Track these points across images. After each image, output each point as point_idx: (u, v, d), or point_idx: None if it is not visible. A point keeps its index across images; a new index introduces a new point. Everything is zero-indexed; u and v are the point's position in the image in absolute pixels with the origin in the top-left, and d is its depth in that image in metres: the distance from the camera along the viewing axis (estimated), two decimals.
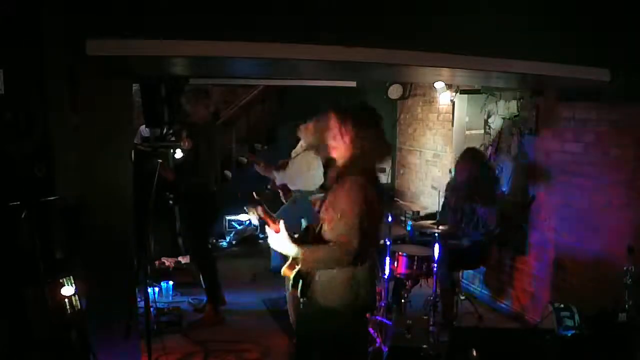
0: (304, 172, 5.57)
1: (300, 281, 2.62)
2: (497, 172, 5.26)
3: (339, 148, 2.61)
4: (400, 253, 4.38)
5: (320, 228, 2.62)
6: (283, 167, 5.43)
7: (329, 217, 2.56)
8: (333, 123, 2.61)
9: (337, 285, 2.56)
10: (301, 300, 2.70)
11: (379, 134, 2.63)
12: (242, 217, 7.41)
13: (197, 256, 4.94)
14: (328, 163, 2.75)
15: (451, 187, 4.94)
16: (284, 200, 5.48)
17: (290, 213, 4.79)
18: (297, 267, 2.63)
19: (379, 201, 2.62)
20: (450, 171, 5.03)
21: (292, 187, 5.48)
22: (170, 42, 2.52)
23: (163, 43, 2.50)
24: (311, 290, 2.63)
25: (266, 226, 2.59)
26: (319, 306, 2.61)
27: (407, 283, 4.43)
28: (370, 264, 2.64)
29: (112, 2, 2.50)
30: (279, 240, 2.54)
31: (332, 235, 2.52)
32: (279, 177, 5.46)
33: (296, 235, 2.67)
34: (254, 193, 2.74)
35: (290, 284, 2.65)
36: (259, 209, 2.60)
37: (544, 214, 4.77)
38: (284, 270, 2.66)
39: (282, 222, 2.55)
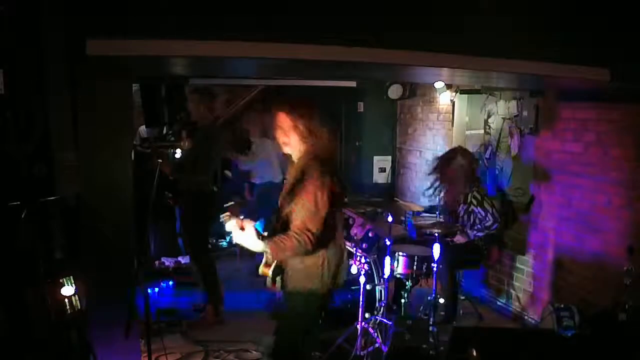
0: (272, 162, 5.60)
1: (279, 276, 2.80)
2: (497, 171, 5.27)
3: (292, 144, 2.78)
4: (400, 253, 4.38)
5: (284, 221, 2.76)
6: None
7: (290, 206, 2.71)
8: (282, 120, 2.77)
9: (311, 271, 2.76)
10: (281, 291, 2.87)
11: (324, 123, 2.81)
12: None
13: (197, 256, 4.94)
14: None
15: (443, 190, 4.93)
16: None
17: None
18: (273, 265, 2.79)
19: (340, 188, 2.78)
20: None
21: (259, 180, 5.50)
22: (170, 42, 2.52)
23: (163, 43, 2.50)
24: (287, 280, 2.81)
25: (231, 225, 2.67)
26: (296, 291, 2.80)
27: (407, 283, 4.43)
28: (338, 246, 2.86)
29: (112, 2, 2.50)
30: (245, 236, 2.64)
31: (294, 224, 2.66)
32: (244, 165, 5.47)
33: (265, 233, 2.81)
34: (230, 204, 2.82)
35: (269, 280, 2.82)
36: (232, 216, 2.68)
37: (544, 214, 4.78)
38: (262, 269, 2.82)
39: (247, 220, 2.66)
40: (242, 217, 2.67)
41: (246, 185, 5.75)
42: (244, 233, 2.62)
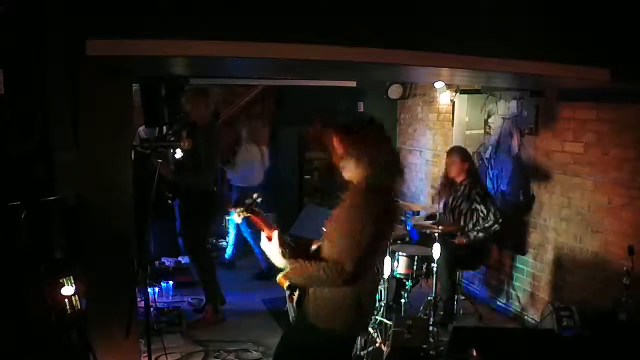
0: (254, 167, 5.78)
1: (297, 290, 2.47)
2: (497, 171, 5.27)
3: (348, 168, 2.42)
4: (400, 253, 4.38)
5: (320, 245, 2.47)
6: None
7: (330, 232, 2.40)
8: (337, 144, 2.43)
9: (338, 307, 2.39)
10: (295, 310, 2.54)
11: (388, 150, 2.46)
12: None
13: (197, 256, 4.94)
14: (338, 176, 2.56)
15: (446, 187, 4.94)
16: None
17: (306, 224, 4.72)
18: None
19: (389, 221, 2.49)
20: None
21: (240, 184, 5.68)
22: (170, 42, 2.52)
23: (163, 43, 2.50)
24: (307, 303, 2.45)
25: (261, 231, 2.51)
26: (310, 323, 2.43)
27: (407, 283, 4.43)
28: (372, 286, 2.53)
29: (112, 2, 2.50)
30: (270, 248, 2.45)
31: (329, 253, 2.35)
32: (229, 173, 5.69)
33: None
34: (253, 196, 2.62)
35: (286, 293, 2.52)
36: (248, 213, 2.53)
37: (544, 214, 4.78)
38: (279, 278, 2.53)
39: (276, 231, 2.45)
40: (273, 225, 2.51)
41: (227, 186, 5.95)
42: (270, 243, 2.45)
